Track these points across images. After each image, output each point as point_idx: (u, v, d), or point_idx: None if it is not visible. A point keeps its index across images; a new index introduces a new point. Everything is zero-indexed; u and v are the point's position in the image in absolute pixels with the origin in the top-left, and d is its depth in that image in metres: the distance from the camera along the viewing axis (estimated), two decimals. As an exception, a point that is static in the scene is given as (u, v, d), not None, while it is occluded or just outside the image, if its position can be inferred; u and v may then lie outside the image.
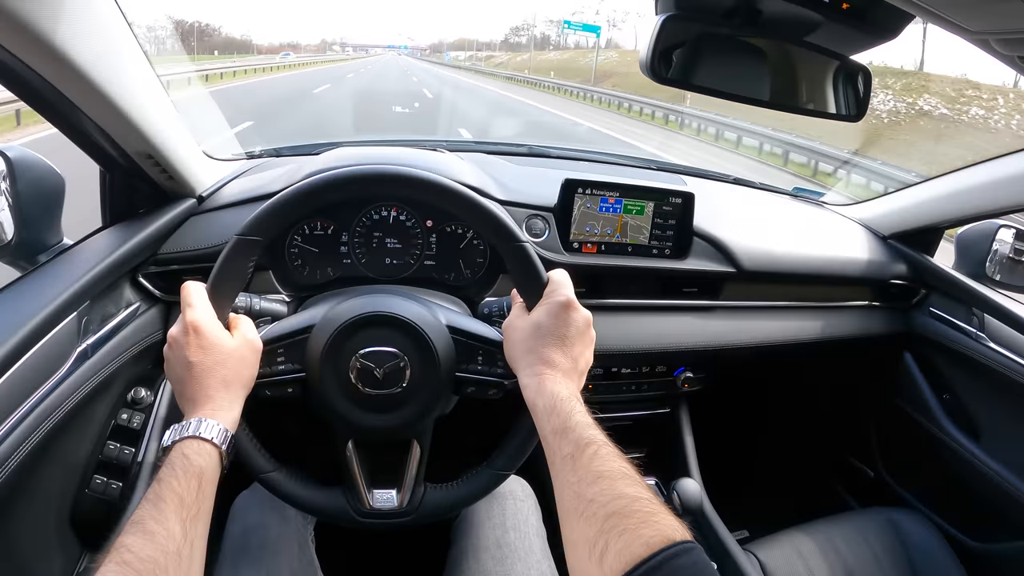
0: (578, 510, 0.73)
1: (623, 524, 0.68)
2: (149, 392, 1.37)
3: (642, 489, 0.73)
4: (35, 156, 1.23)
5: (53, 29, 0.89)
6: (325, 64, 63.70)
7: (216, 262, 1.00)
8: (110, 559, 0.69)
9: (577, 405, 0.87)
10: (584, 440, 0.80)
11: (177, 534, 0.74)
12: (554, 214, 1.53)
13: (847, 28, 1.05)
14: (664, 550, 0.63)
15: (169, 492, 0.77)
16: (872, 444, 2.12)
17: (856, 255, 1.84)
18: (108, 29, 1.04)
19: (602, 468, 0.76)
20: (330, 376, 1.04)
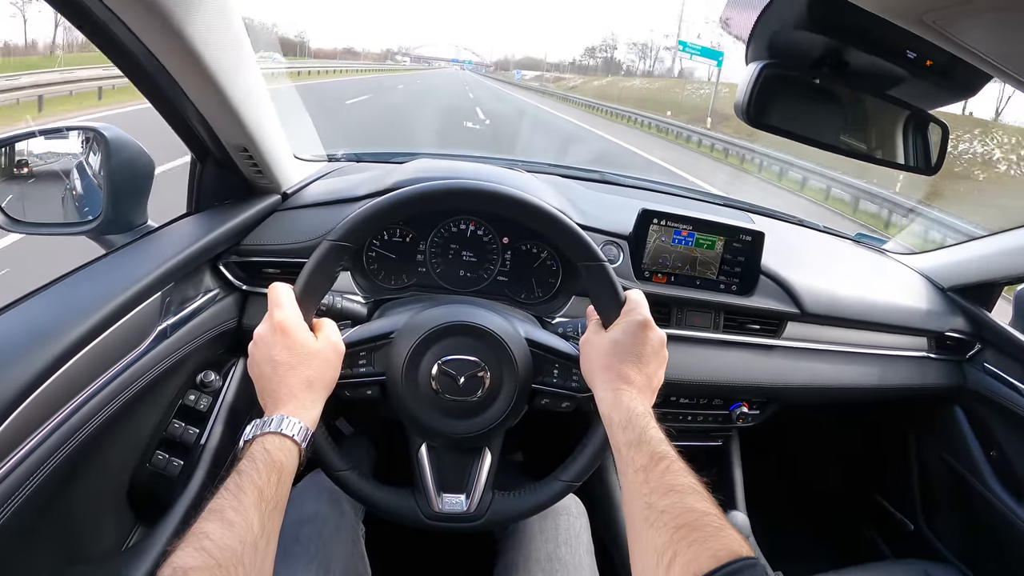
0: (649, 520, 0.76)
1: (692, 536, 0.70)
2: (218, 376, 1.41)
3: (710, 505, 0.75)
4: (129, 138, 1.27)
5: (188, 20, 0.94)
6: (375, 73, 61.16)
7: (305, 265, 1.03)
8: (188, 543, 0.70)
9: (651, 421, 0.90)
10: (658, 454, 0.83)
11: (255, 526, 0.75)
12: (628, 242, 1.55)
13: (928, 84, 1.06)
14: (730, 563, 0.65)
15: (250, 484, 0.79)
16: (914, 495, 2.09)
17: (915, 304, 1.83)
18: (231, 26, 1.08)
19: (674, 482, 0.79)
20: (411, 381, 1.07)
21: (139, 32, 0.95)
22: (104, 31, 0.97)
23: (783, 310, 1.61)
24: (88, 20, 0.94)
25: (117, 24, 0.93)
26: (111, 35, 0.98)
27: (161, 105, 1.20)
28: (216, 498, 0.77)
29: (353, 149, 2.04)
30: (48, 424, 0.90)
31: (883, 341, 1.78)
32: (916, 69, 1.01)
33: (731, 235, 1.55)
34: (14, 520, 0.84)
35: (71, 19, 0.94)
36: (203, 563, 0.68)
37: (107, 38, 0.99)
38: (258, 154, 1.34)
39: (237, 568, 0.70)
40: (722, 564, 0.65)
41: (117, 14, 0.90)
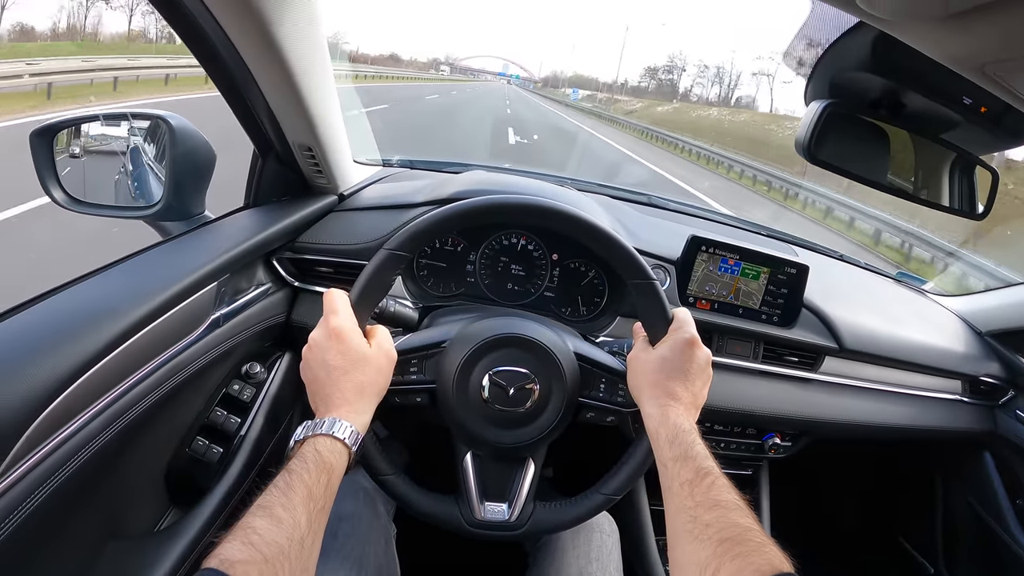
0: (692, 533, 0.77)
1: (736, 550, 0.72)
2: (263, 368, 1.43)
3: (753, 522, 0.77)
4: (193, 127, 1.29)
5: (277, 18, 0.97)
6: (411, 81, 58.70)
7: (362, 273, 1.05)
8: (235, 536, 0.71)
9: (697, 437, 0.92)
10: (704, 469, 0.85)
11: (303, 524, 0.76)
12: (676, 267, 1.56)
13: (981, 129, 1.07)
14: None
15: (299, 483, 0.80)
16: (937, 539, 2.07)
17: (951, 347, 1.82)
18: (316, 29, 1.11)
19: (719, 497, 0.81)
20: (462, 390, 1.09)
21: (225, 24, 0.98)
22: (191, 23, 1.00)
23: (822, 344, 1.61)
24: (178, 13, 0.97)
25: (207, 18, 0.96)
26: (196, 25, 1.01)
27: (232, 97, 1.23)
28: (265, 494, 0.79)
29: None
30: (100, 402, 0.92)
31: (917, 382, 1.77)
32: (971, 115, 1.03)
33: (776, 267, 1.55)
34: (59, 492, 0.86)
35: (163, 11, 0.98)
36: (250, 557, 0.69)
37: (192, 30, 1.02)
38: (321, 154, 1.36)
39: (283, 564, 0.71)
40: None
41: (210, 9, 0.93)
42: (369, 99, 20.54)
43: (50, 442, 0.84)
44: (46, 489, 0.84)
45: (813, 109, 1.07)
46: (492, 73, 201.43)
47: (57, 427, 0.85)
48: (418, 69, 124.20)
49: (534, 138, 20.91)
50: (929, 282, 2.19)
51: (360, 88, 27.49)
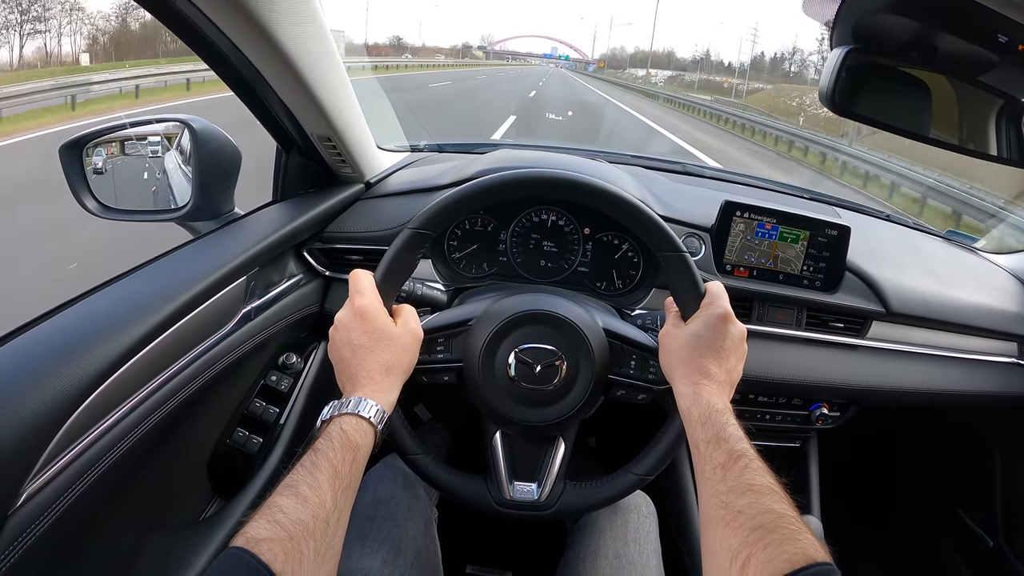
0: (724, 519, 0.74)
1: (768, 538, 0.69)
2: (300, 359, 1.45)
3: (788, 507, 0.73)
4: (216, 129, 1.32)
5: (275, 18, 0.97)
6: (426, 70, 47.16)
7: (386, 253, 1.04)
8: (261, 515, 0.72)
9: (730, 418, 0.88)
10: (736, 452, 0.82)
11: (328, 502, 0.76)
12: (710, 234, 1.52)
13: (1020, 69, 1.02)
14: (805, 568, 0.64)
15: (325, 462, 0.81)
16: (995, 510, 1.97)
17: (1007, 307, 1.73)
18: (316, 19, 1.11)
19: (752, 481, 0.77)
20: (488, 368, 1.07)
21: (225, 28, 0.98)
22: (192, 29, 1.00)
23: (868, 308, 1.55)
24: (177, 19, 0.98)
25: (204, 21, 0.97)
26: (199, 32, 1.01)
27: (247, 98, 1.24)
28: (292, 474, 0.79)
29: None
30: (137, 395, 0.94)
31: (971, 345, 1.69)
32: (1008, 54, 0.98)
33: (816, 229, 1.50)
34: (100, 483, 0.88)
35: (161, 18, 0.98)
36: (275, 535, 0.69)
37: (195, 35, 1.02)
38: (342, 144, 1.36)
39: (308, 541, 0.71)
40: (797, 568, 0.64)
41: (204, 12, 0.94)
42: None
43: (88, 436, 0.86)
44: (86, 481, 0.86)
45: (835, 56, 1.02)
46: (537, 56, 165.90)
47: (94, 422, 0.87)
48: (445, 56, 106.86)
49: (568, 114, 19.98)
50: (981, 239, 2.09)
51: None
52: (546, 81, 42.26)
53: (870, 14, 1.00)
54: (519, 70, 71.80)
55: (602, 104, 28.63)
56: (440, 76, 35.56)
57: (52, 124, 10.61)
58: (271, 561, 0.66)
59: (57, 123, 10.68)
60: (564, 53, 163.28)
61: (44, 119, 11.09)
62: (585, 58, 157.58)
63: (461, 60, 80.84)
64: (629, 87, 52.63)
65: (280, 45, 1.03)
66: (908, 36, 1.03)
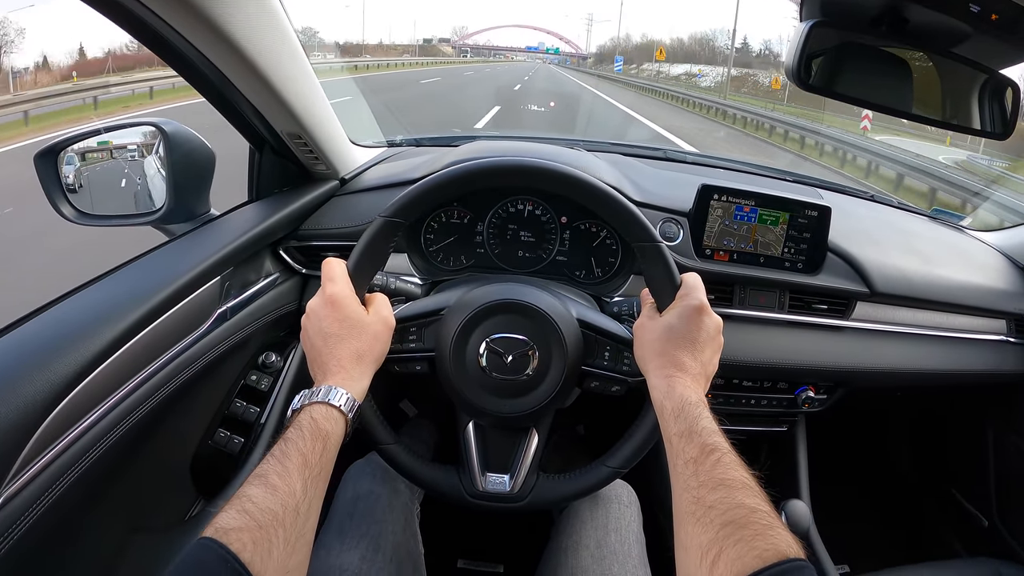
0: (695, 515, 0.73)
1: (739, 534, 0.68)
2: (279, 358, 1.45)
3: (761, 501, 0.72)
4: (188, 131, 1.31)
5: (229, 18, 0.96)
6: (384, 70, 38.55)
7: (359, 241, 1.04)
8: (231, 506, 0.72)
9: (704, 411, 0.87)
10: (709, 446, 0.80)
11: (298, 491, 0.76)
12: (688, 219, 1.51)
13: (996, 40, 1.00)
14: (776, 565, 0.63)
15: (295, 451, 0.80)
16: (989, 489, 1.97)
17: (993, 284, 1.72)
18: (274, 16, 1.10)
19: (724, 476, 0.76)
20: (459, 357, 1.07)
21: (184, 31, 0.98)
22: (152, 33, 1.00)
23: (852, 289, 1.54)
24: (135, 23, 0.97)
25: (163, 26, 0.96)
26: (160, 36, 1.01)
27: (214, 99, 1.24)
28: (262, 464, 0.79)
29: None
30: (113, 397, 0.94)
31: (958, 323, 1.68)
32: (981, 24, 0.97)
33: (796, 210, 1.48)
34: (79, 486, 0.88)
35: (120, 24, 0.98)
36: (244, 524, 0.69)
37: (156, 39, 1.02)
38: (312, 141, 1.36)
39: (277, 530, 0.71)
40: (768, 565, 0.63)
41: (162, 16, 0.93)
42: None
43: (64, 439, 0.86)
44: (64, 483, 0.86)
45: (799, 30, 1.02)
46: (520, 51, 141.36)
47: (70, 424, 0.87)
48: (398, 54, 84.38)
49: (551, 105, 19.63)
50: (967, 217, 2.08)
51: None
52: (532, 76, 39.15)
53: (837, -13, 0.99)
54: (494, 69, 60.36)
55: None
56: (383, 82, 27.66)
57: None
58: (240, 551, 0.67)
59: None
60: (554, 46, 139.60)
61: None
62: (579, 51, 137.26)
63: (417, 59, 66.49)
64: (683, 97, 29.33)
65: (239, 46, 1.02)
66: (877, 9, 1.02)
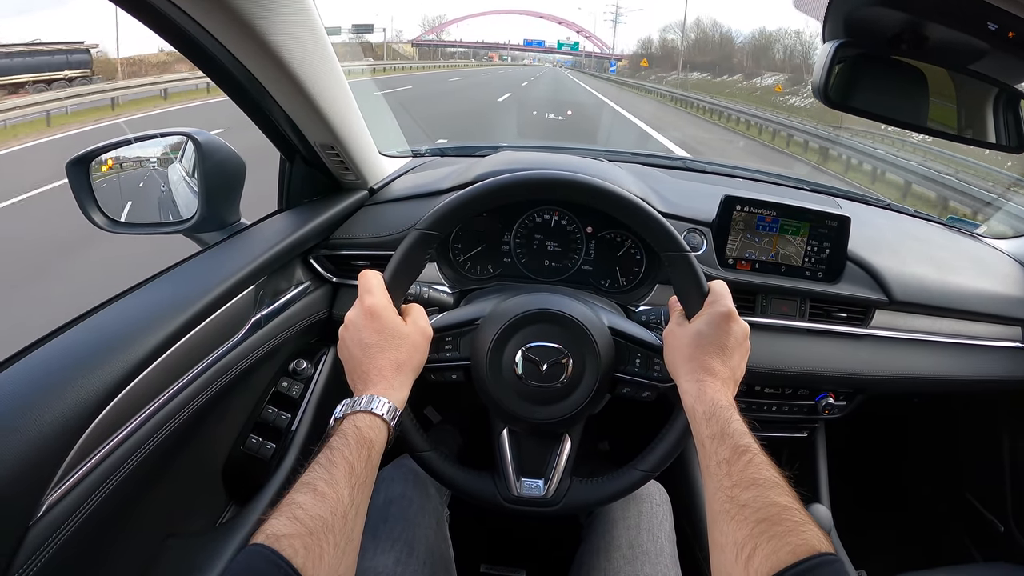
0: (730, 513, 0.76)
1: (772, 530, 0.70)
2: (310, 365, 1.46)
3: (792, 500, 0.75)
4: (220, 141, 1.33)
5: (269, 28, 0.98)
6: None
7: (395, 253, 1.06)
8: (281, 513, 0.73)
9: (735, 413, 0.89)
10: (741, 447, 0.83)
11: (345, 498, 0.78)
12: (712, 229, 1.53)
13: (1011, 57, 1.02)
14: (809, 559, 0.65)
15: (341, 459, 0.82)
16: (1007, 496, 1.97)
17: (1011, 291, 1.73)
18: (313, 27, 1.12)
19: (756, 475, 0.78)
20: (495, 366, 1.09)
21: (224, 40, 1.00)
22: (192, 42, 1.02)
23: (871, 297, 1.56)
24: (176, 33, 0.99)
25: (203, 35, 0.98)
26: (198, 45, 1.03)
27: (250, 109, 1.26)
28: (308, 471, 0.80)
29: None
30: (152, 405, 0.96)
31: (976, 331, 1.69)
32: (998, 41, 0.99)
33: (816, 220, 1.51)
34: (117, 493, 0.90)
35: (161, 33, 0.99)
36: (295, 531, 0.71)
37: (195, 48, 1.04)
38: (344, 151, 1.38)
39: (327, 536, 0.73)
40: (800, 559, 0.65)
41: (203, 25, 0.95)
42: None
43: (106, 446, 0.87)
44: (105, 490, 0.87)
45: (826, 50, 1.04)
46: (513, 50, 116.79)
47: (112, 432, 0.88)
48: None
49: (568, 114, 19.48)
50: (982, 226, 2.10)
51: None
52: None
53: (860, 7, 1.01)
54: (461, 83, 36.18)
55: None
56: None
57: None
58: (292, 556, 0.68)
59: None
60: (573, 41, 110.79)
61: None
62: (604, 51, 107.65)
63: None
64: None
65: (279, 55, 1.04)
66: (898, 27, 1.05)
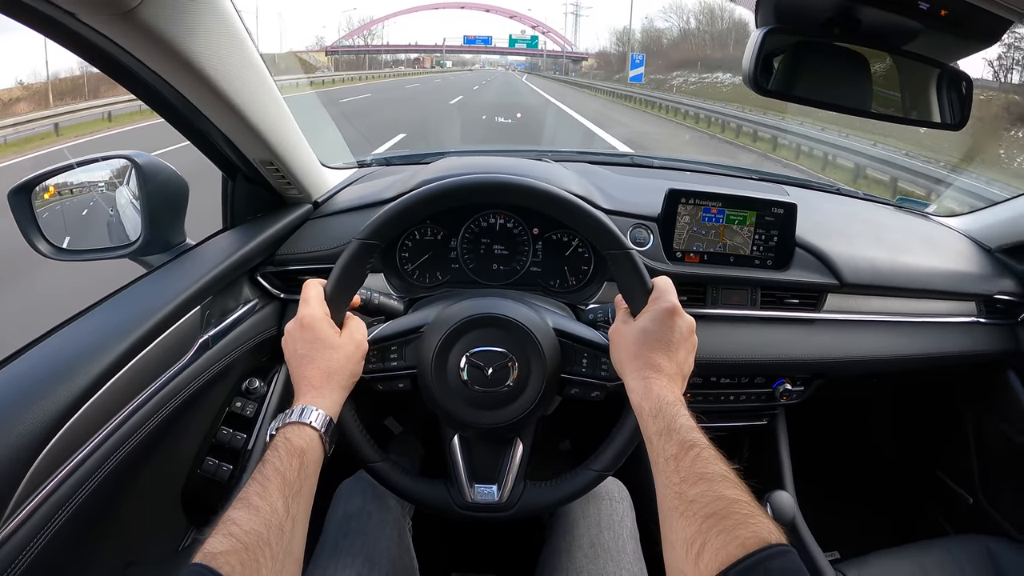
0: (678, 509, 0.75)
1: (721, 525, 0.70)
2: (262, 383, 1.45)
3: (741, 492, 0.75)
4: (161, 162, 1.32)
5: (195, 49, 0.97)
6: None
7: (336, 264, 1.05)
8: (217, 531, 0.73)
9: (681, 409, 0.89)
10: (688, 442, 0.83)
11: (280, 510, 0.78)
12: (658, 224, 1.54)
13: (946, 35, 1.04)
14: (759, 552, 0.65)
15: (272, 471, 0.82)
16: (972, 468, 2.01)
17: (961, 268, 1.77)
18: (241, 47, 1.11)
19: (704, 470, 0.78)
20: (441, 373, 1.09)
21: (151, 64, 0.98)
22: (120, 65, 1.00)
23: (821, 282, 1.57)
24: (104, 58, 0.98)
25: (129, 58, 0.97)
26: (126, 68, 1.01)
27: (185, 129, 1.24)
28: (244, 488, 0.81)
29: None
30: (100, 433, 0.95)
31: (929, 308, 1.72)
32: (931, 21, 1.00)
33: (762, 209, 1.52)
34: (71, 524, 0.89)
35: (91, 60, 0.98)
36: (231, 547, 0.71)
37: (123, 71, 1.02)
38: (284, 166, 1.37)
39: (264, 549, 0.73)
40: (750, 553, 0.65)
41: (127, 49, 0.94)
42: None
43: (54, 478, 0.87)
44: (56, 523, 0.87)
45: (754, 37, 1.04)
46: (467, 51, 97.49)
47: (59, 464, 0.87)
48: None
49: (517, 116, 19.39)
50: (932, 205, 2.13)
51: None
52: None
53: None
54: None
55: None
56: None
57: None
58: (229, 574, 0.68)
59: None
60: (530, 36, 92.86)
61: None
62: (566, 49, 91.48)
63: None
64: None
65: (208, 75, 1.03)
66: (830, 11, 1.05)
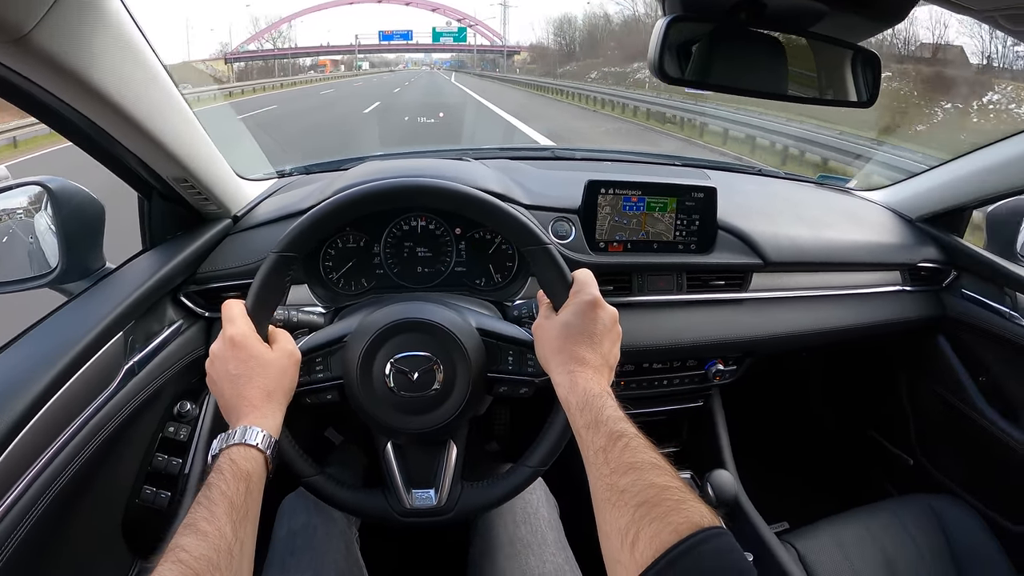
0: (610, 501, 0.76)
1: (653, 513, 0.70)
2: (194, 405, 1.42)
3: (671, 478, 0.75)
4: (75, 186, 1.28)
5: (95, 70, 0.95)
6: None
7: (254, 279, 1.04)
8: (166, 559, 0.72)
9: (608, 400, 0.89)
10: (616, 433, 0.83)
11: (228, 534, 0.77)
12: (579, 216, 1.55)
13: (852, 15, 1.05)
14: (692, 536, 0.66)
15: (219, 495, 0.81)
16: (910, 430, 2.09)
17: (884, 239, 1.83)
18: (144, 65, 1.08)
19: (633, 459, 0.79)
20: (367, 381, 1.08)
21: (54, 90, 0.96)
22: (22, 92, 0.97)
23: (745, 262, 1.61)
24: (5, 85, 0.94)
25: (32, 86, 0.94)
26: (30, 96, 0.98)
27: (95, 151, 1.21)
28: (190, 512, 0.79)
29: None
30: (29, 472, 0.92)
31: (855, 280, 1.78)
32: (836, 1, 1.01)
33: (682, 195, 1.55)
34: (10, 567, 0.87)
35: None
36: (181, 574, 0.70)
37: (26, 99, 0.99)
38: (198, 182, 1.34)
39: (214, 574, 0.72)
40: (683, 538, 0.66)
41: (29, 78, 0.92)
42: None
43: None
44: None
45: (658, 26, 1.05)
46: (384, 49, 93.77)
47: None
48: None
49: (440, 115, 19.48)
50: (852, 180, 2.20)
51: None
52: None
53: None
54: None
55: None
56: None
57: None
58: None
59: None
60: (456, 28, 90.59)
61: None
62: (494, 42, 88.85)
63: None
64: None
65: (111, 97, 1.01)
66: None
